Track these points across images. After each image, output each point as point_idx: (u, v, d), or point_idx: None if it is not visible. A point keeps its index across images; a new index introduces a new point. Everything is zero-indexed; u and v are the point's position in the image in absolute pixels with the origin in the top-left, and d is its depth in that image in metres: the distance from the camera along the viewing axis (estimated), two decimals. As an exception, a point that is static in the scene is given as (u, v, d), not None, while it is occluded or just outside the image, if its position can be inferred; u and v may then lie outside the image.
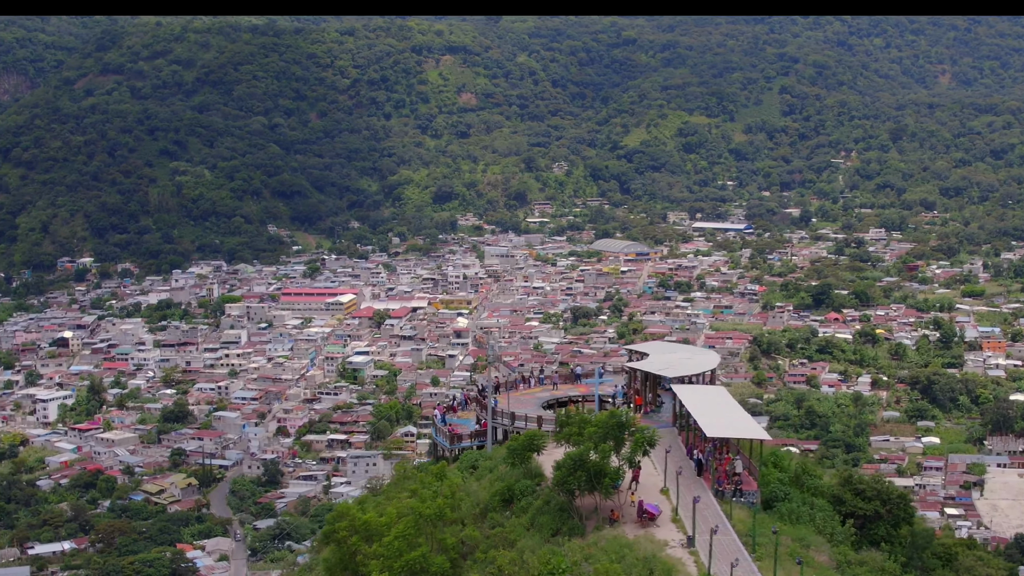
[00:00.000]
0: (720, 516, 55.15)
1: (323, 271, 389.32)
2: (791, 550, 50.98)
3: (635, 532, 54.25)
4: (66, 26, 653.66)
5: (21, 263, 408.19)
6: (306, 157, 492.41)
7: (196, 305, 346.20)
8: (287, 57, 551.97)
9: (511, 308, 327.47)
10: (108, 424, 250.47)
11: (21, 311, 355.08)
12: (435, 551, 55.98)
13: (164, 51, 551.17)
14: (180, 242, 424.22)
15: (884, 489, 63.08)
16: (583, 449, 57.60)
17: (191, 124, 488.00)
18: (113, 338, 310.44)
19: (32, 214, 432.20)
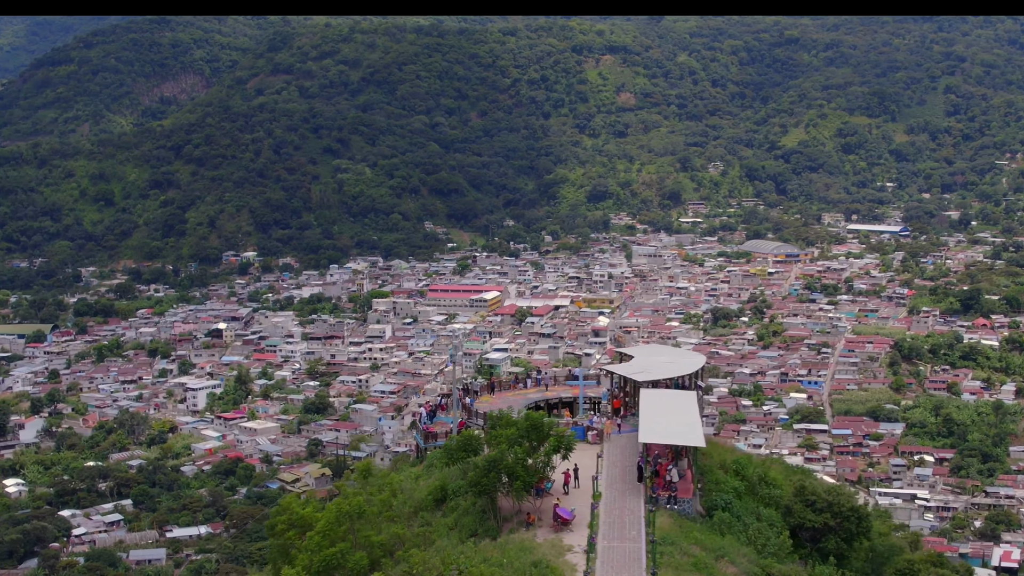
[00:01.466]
0: (640, 524, 54.52)
1: (473, 268, 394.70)
2: (697, 560, 50.60)
3: (546, 536, 54.11)
4: (241, 27, 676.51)
5: (188, 256, 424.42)
6: (465, 156, 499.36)
7: (346, 300, 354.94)
8: (450, 57, 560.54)
9: (653, 308, 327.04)
10: (252, 414, 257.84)
11: (183, 303, 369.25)
12: (359, 547, 56.75)
13: (332, 51, 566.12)
14: (339, 238, 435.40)
15: (836, 502, 61.95)
16: (498, 451, 57.71)
17: (354, 123, 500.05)
18: (264, 330, 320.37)
19: (200, 209, 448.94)
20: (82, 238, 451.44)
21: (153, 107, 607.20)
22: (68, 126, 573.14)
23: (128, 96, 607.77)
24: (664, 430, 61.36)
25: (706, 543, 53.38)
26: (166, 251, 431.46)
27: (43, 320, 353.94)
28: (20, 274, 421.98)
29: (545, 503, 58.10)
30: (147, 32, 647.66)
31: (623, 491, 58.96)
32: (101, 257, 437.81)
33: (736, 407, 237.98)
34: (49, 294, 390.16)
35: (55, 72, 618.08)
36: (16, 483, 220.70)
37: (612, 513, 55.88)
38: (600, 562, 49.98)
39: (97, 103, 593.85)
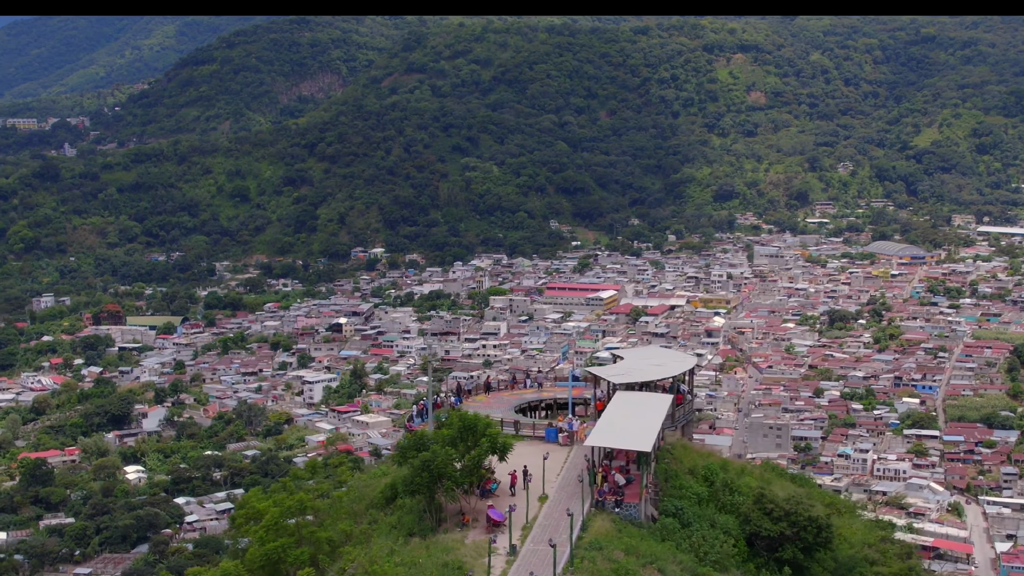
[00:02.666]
0: (575, 527, 54.16)
1: (593, 267, 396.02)
2: (619, 566, 50.65)
3: (477, 537, 54.24)
4: (378, 27, 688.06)
5: (319, 252, 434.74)
6: (592, 154, 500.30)
7: (465, 296, 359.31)
8: (581, 56, 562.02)
9: (769, 309, 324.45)
10: (366, 407, 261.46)
11: (309, 297, 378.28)
12: (305, 543, 58.07)
13: (465, 51, 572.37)
14: (465, 235, 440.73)
15: (794, 511, 60.89)
16: (430, 452, 57.90)
17: (484, 121, 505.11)
18: (383, 326, 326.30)
19: (331, 206, 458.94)
20: (218, 233, 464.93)
21: (291, 106, 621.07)
22: (210, 124, 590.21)
23: (267, 95, 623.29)
24: (613, 434, 61.24)
25: (639, 549, 53.18)
26: (297, 246, 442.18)
27: (174, 312, 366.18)
28: (157, 268, 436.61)
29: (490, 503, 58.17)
30: (287, 32, 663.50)
31: (573, 494, 58.73)
32: (235, 252, 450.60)
33: (847, 411, 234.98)
34: (183, 287, 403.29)
35: (198, 71, 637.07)
36: (136, 470, 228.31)
37: (551, 516, 55.84)
38: (518, 565, 50.32)
39: (237, 102, 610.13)
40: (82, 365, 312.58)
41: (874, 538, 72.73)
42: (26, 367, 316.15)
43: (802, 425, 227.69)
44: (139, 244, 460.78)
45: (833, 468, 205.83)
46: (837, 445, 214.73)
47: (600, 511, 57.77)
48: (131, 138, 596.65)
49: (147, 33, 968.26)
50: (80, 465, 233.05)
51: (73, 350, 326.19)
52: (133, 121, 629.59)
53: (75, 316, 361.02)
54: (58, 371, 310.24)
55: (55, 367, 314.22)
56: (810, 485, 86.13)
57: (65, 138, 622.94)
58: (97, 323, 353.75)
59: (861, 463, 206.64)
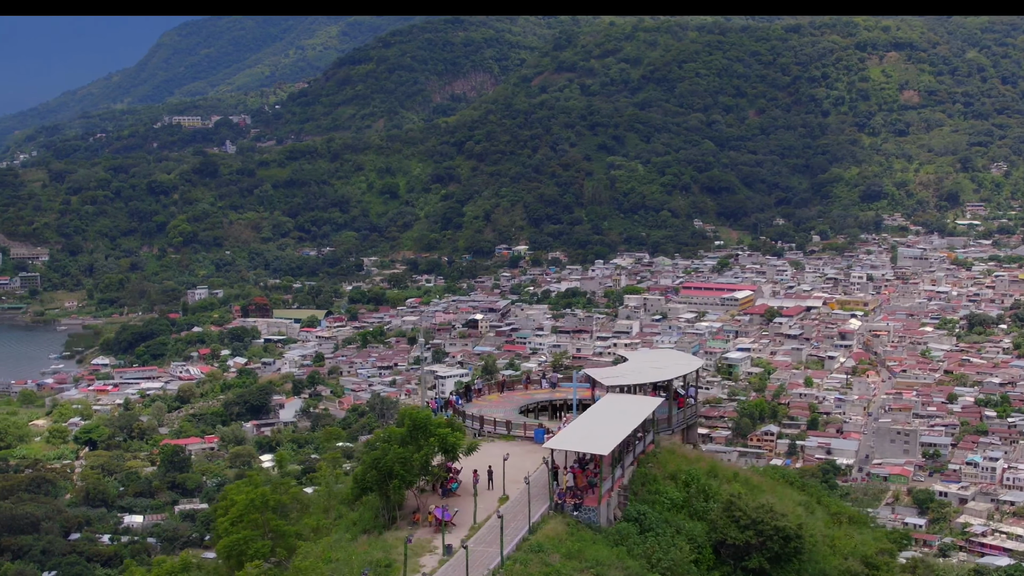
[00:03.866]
0: (521, 530, 54.38)
1: (733, 267, 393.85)
2: (553, 570, 50.68)
3: (423, 535, 54.48)
4: (531, 26, 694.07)
5: (463, 248, 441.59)
6: (739, 153, 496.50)
7: (601, 295, 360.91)
8: (730, 55, 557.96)
9: (908, 312, 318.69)
10: None
11: (449, 293, 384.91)
12: (271, 535, 60.41)
13: (614, 50, 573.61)
14: (608, 234, 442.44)
15: (761, 520, 59.58)
16: (379, 450, 58.44)
17: (631, 120, 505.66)
18: (517, 322, 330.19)
19: (477, 203, 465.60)
20: (367, 229, 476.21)
21: (444, 104, 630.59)
22: (364, 122, 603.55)
23: (421, 93, 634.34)
24: (576, 437, 60.43)
25: (584, 553, 53.01)
26: (443, 243, 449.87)
27: (319, 306, 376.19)
28: (308, 262, 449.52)
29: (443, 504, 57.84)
30: (441, 32, 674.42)
31: (536, 496, 57.46)
32: (383, 247, 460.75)
33: (979, 417, 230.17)
34: (330, 282, 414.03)
35: (355, 71, 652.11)
36: (271, 459, 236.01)
37: (505, 517, 54.20)
38: (449, 565, 50.67)
39: (392, 100, 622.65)
40: (228, 356, 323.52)
41: (872, 550, 71.16)
42: (176, 357, 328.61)
43: (932, 431, 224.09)
44: (291, 239, 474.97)
45: (961, 476, 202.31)
46: (967, 452, 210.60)
47: (559, 514, 57.30)
48: (289, 135, 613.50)
49: (311, 33, 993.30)
50: (217, 453, 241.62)
51: (221, 341, 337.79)
52: (292, 119, 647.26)
53: (225, 308, 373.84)
54: (206, 361, 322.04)
55: (203, 357, 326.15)
56: (820, 494, 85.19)
57: (227, 135, 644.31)
58: (245, 315, 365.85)
59: (990, 471, 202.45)
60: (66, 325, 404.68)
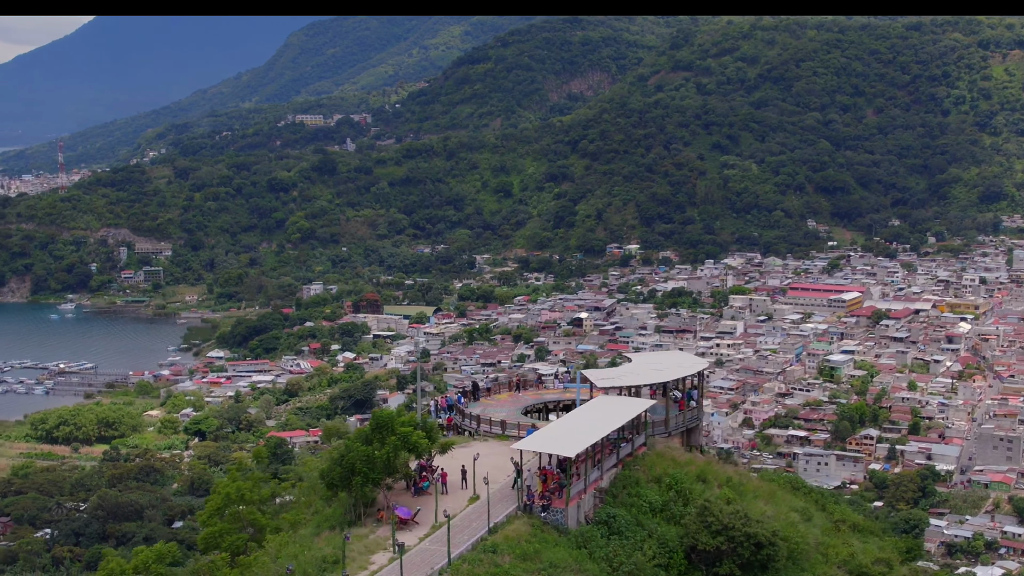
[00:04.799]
0: (479, 530, 54.36)
1: (843, 268, 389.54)
2: (501, 571, 50.51)
3: (384, 533, 54.33)
4: (649, 25, 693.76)
5: (575, 247, 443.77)
6: (855, 153, 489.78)
7: (707, 295, 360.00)
8: (849, 53, 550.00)
9: (1020, 315, 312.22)
10: None
11: (557, 291, 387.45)
12: (248, 528, 62.54)
13: (731, 48, 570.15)
14: (720, 233, 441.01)
15: (733, 526, 58.70)
16: (343, 447, 59.03)
17: (746, 119, 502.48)
18: (621, 322, 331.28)
19: (590, 202, 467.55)
20: (480, 227, 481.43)
21: (561, 103, 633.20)
22: (482, 121, 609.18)
23: (538, 93, 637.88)
24: (546, 439, 60.04)
25: (541, 554, 52.80)
26: (555, 241, 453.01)
27: (428, 303, 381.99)
28: (422, 259, 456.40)
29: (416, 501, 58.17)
30: (559, 31, 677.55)
31: (507, 496, 58.05)
32: (496, 245, 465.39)
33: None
34: (442, 279, 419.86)
35: (474, 70, 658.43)
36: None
37: (470, 517, 55.53)
38: (399, 562, 50.13)
39: (509, 99, 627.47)
40: (338, 351, 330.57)
41: (870, 559, 69.93)
42: (287, 351, 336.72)
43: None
44: (406, 236, 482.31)
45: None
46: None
47: (527, 515, 56.83)
48: (408, 134, 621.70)
49: (434, 33, 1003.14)
50: (320, 446, 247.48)
51: (331, 336, 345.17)
52: (411, 118, 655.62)
53: (337, 304, 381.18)
54: (316, 356, 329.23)
55: (313, 352, 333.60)
56: (824, 501, 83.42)
57: (348, 134, 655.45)
58: (356, 311, 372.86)
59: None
60: (186, 319, 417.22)
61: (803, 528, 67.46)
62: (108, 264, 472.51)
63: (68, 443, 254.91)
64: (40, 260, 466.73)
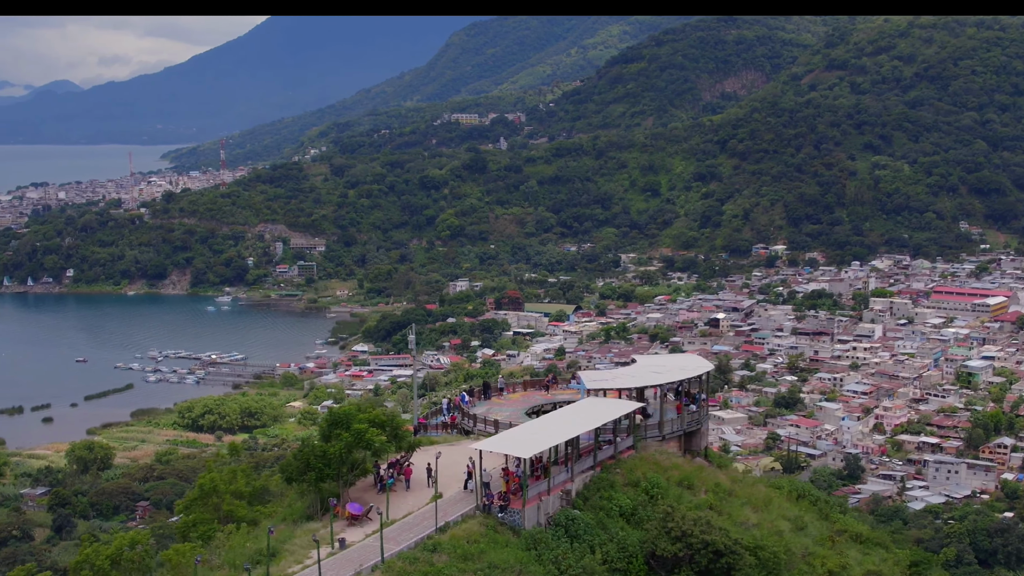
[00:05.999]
0: (430, 528, 54.98)
1: (992, 272, 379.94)
2: (434, 570, 51.00)
3: (339, 528, 55.18)
4: (806, 24, 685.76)
5: (721, 247, 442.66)
6: (1013, 154, 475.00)
7: (849, 297, 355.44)
8: (1010, 52, 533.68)
9: None
10: (726, 403, 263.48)
11: (698, 291, 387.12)
12: (225, 519, 64.53)
13: (887, 47, 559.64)
14: (869, 235, 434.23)
15: (692, 532, 58.29)
16: (301, 443, 61.63)
17: (899, 119, 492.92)
18: (758, 323, 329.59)
19: (737, 202, 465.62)
20: (627, 226, 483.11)
21: (713, 103, 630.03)
22: (634, 120, 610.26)
23: (691, 92, 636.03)
24: (507, 439, 60.46)
25: (484, 555, 53.17)
26: (701, 241, 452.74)
27: (568, 301, 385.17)
28: (567, 257, 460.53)
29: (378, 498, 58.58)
30: (713, 30, 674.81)
31: (469, 495, 59.11)
32: (641, 244, 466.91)
33: None
34: (586, 277, 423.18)
35: (627, 69, 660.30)
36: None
37: (425, 515, 56.24)
38: (336, 558, 51.50)
39: (662, 99, 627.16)
40: (478, 347, 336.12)
41: (860, 572, 68.94)
42: (429, 346, 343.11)
43: None
44: (553, 235, 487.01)
45: None
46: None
47: (486, 515, 57.54)
48: (560, 133, 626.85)
49: (592, 32, 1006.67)
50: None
51: (472, 332, 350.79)
52: (564, 117, 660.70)
53: (479, 301, 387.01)
54: (456, 351, 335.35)
55: (454, 347, 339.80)
56: (829, 510, 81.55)
57: (501, 132, 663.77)
58: (498, 308, 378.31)
59: None
60: (335, 313, 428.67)
61: (789, 537, 67.05)
62: (264, 259, 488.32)
63: (212, 431, 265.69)
64: (200, 254, 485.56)
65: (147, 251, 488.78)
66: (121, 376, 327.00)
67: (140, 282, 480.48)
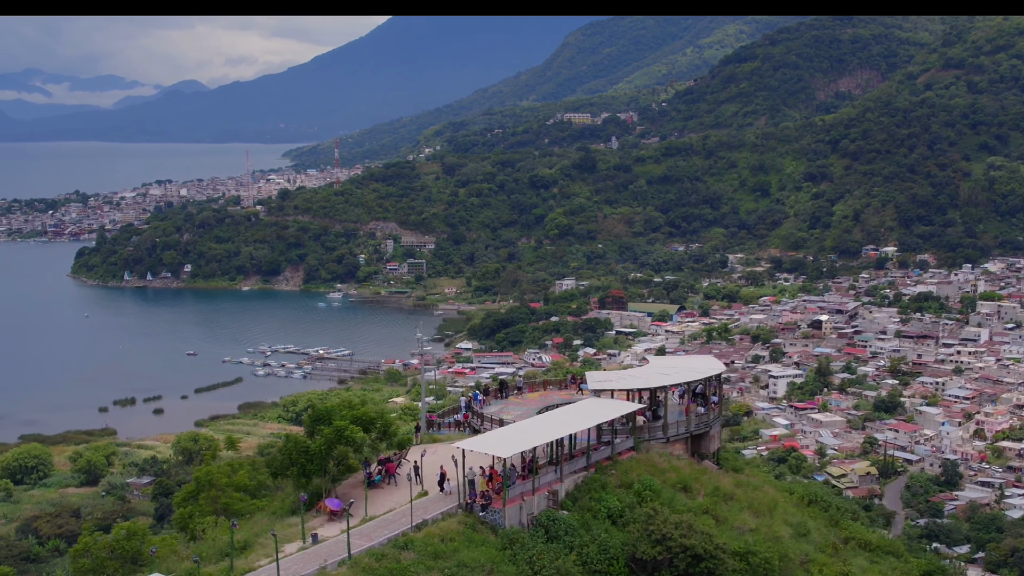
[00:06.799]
0: (405, 525, 55.60)
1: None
2: (399, 567, 51.05)
3: (318, 524, 56.38)
4: (923, 22, 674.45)
5: (830, 248, 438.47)
6: None
7: (956, 300, 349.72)
8: None
9: None
10: (824, 406, 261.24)
11: (803, 292, 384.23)
12: (219, 512, 66.80)
13: (1007, 45, 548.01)
14: (982, 237, 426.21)
15: (671, 536, 57.79)
16: (285, 439, 61.33)
17: (1016, 119, 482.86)
18: (862, 325, 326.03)
19: (848, 202, 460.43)
20: (735, 226, 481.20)
21: (827, 102, 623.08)
22: (746, 120, 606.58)
23: (804, 91, 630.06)
24: (492, 439, 60.98)
25: (456, 554, 53.51)
26: (810, 242, 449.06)
27: (672, 301, 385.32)
28: (675, 257, 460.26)
29: None
30: (828, 29, 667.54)
31: (454, 494, 59.82)
32: (750, 245, 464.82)
33: None
34: (692, 277, 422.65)
35: (740, 68, 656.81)
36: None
37: (403, 512, 56.70)
38: (306, 552, 52.35)
39: (775, 98, 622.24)
40: (580, 346, 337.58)
41: None
42: (532, 344, 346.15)
43: None
44: (662, 234, 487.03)
45: None
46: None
47: (467, 513, 58.19)
48: (672, 132, 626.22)
49: (709, 32, 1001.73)
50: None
51: (574, 331, 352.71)
52: (676, 116, 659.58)
53: (583, 300, 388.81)
54: (558, 350, 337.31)
55: (556, 346, 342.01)
56: (839, 516, 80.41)
57: (613, 132, 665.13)
58: (602, 307, 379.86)
59: None
60: (443, 310, 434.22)
61: (787, 543, 66.66)
62: (375, 256, 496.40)
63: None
64: (313, 251, 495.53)
65: (262, 248, 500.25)
66: (231, 370, 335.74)
67: (255, 278, 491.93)
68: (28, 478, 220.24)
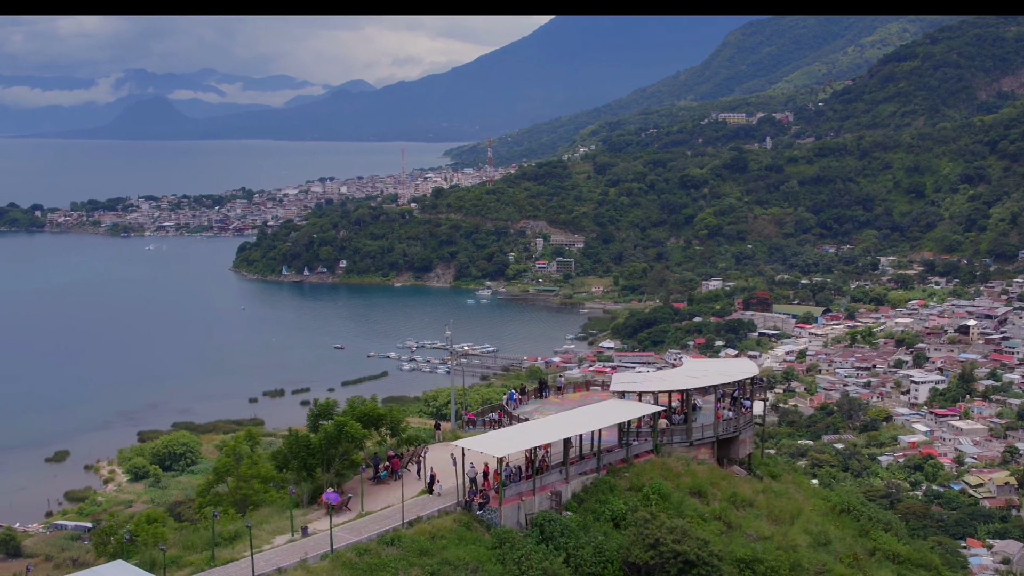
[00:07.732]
0: (396, 521, 56.30)
1: None
2: (379, 562, 51.42)
3: (316, 517, 57.21)
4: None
5: (985, 252, 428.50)
6: None
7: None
8: None
9: None
10: (966, 413, 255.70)
11: (954, 296, 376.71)
12: (238, 503, 68.79)
13: None
14: None
15: (663, 541, 57.76)
16: (291, 434, 62.84)
17: None
18: (1011, 331, 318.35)
19: (1005, 205, 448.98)
20: (888, 228, 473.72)
21: (988, 102, 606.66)
22: (904, 120, 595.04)
23: (965, 91, 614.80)
24: (492, 439, 61.85)
25: (443, 552, 53.89)
26: (965, 245, 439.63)
27: (818, 303, 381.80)
28: (824, 259, 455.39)
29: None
30: (992, 27, 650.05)
31: (445, 496, 60.50)
32: (902, 247, 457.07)
33: None
34: (841, 279, 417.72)
35: (899, 68, 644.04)
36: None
37: (399, 508, 57.41)
38: (291, 545, 53.03)
39: (934, 98, 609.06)
40: (721, 347, 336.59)
41: None
42: (674, 345, 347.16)
43: None
44: (812, 236, 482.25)
45: None
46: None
47: (465, 511, 59.11)
48: (828, 133, 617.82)
49: (871, 31, 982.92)
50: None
51: (717, 332, 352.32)
52: (832, 116, 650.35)
53: (727, 300, 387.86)
54: (700, 350, 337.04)
55: (698, 347, 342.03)
56: (871, 527, 79.63)
57: (768, 132, 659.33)
58: (747, 308, 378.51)
59: None
60: (588, 309, 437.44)
61: (803, 552, 66.24)
62: (525, 254, 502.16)
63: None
64: (464, 248, 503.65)
65: (415, 245, 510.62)
66: (377, 364, 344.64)
67: (407, 274, 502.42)
68: (176, 464, 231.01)
